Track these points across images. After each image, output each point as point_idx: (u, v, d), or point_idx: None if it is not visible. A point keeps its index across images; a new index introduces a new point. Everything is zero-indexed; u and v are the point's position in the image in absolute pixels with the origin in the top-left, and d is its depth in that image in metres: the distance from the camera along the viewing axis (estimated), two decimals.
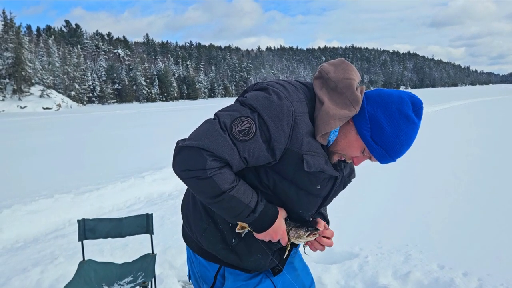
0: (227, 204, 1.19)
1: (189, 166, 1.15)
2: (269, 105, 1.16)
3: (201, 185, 1.16)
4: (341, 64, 1.25)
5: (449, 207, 4.66)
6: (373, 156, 1.23)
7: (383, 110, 1.18)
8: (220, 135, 1.14)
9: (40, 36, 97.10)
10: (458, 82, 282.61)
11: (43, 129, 20.18)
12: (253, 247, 1.34)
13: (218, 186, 1.16)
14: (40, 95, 63.67)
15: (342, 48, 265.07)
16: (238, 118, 1.15)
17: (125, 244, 3.70)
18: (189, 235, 1.44)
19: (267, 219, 1.24)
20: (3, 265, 3.38)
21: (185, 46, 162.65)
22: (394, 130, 1.17)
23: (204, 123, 1.20)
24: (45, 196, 5.46)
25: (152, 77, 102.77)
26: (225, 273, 1.39)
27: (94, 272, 2.70)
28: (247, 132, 1.14)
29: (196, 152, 1.14)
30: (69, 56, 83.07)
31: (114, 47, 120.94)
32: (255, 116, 1.16)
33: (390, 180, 6.08)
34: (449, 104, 30.01)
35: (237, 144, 1.15)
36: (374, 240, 3.69)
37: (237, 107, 1.20)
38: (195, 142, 1.14)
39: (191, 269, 1.49)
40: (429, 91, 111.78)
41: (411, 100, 1.20)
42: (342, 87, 1.20)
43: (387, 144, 1.19)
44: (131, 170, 7.32)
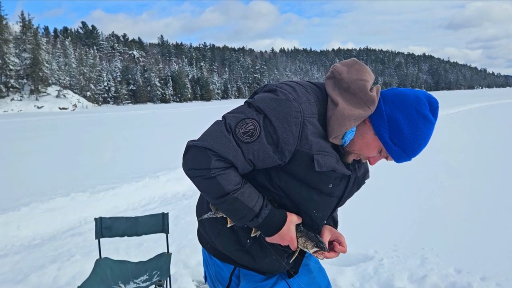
0: (230, 206, 1.20)
1: (195, 165, 1.18)
2: (277, 107, 1.16)
3: (205, 184, 1.19)
4: (354, 65, 1.24)
5: (467, 210, 4.59)
6: (390, 156, 1.23)
7: (401, 110, 1.18)
8: (225, 136, 1.16)
9: (57, 37, 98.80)
10: (474, 85, 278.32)
11: (60, 128, 20.50)
12: (268, 249, 1.34)
13: (222, 187, 1.17)
14: (56, 95, 64.76)
15: (356, 50, 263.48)
16: (243, 120, 1.17)
17: (140, 243, 3.74)
18: (204, 236, 1.44)
19: (273, 225, 1.23)
20: (21, 262, 3.44)
21: (199, 48, 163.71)
22: (413, 131, 1.17)
23: (212, 124, 1.23)
24: (61, 195, 5.54)
25: (166, 78, 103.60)
26: (240, 274, 1.38)
27: (110, 270, 2.73)
28: (251, 134, 1.15)
29: (202, 151, 1.16)
30: (85, 57, 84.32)
31: (129, 49, 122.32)
32: (260, 118, 1.16)
33: (406, 182, 6.02)
34: (466, 107, 29.55)
35: (241, 146, 1.16)
36: (389, 243, 3.65)
37: (244, 109, 1.21)
38: (202, 143, 1.17)
39: (206, 270, 1.49)
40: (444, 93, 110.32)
41: (427, 99, 1.19)
42: (355, 88, 1.19)
43: (405, 144, 1.18)
44: (146, 169, 7.39)
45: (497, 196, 5.15)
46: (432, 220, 4.28)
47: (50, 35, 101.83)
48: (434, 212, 4.55)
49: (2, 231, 4.40)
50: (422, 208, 4.73)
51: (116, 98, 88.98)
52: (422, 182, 6.05)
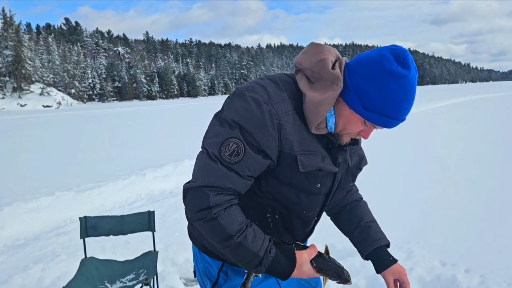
0: (234, 252, 1.16)
1: (195, 207, 1.14)
2: (249, 115, 1.12)
3: (208, 227, 1.15)
4: (310, 49, 1.22)
5: (452, 204, 4.65)
6: (374, 124, 1.17)
7: (365, 77, 1.12)
8: (213, 167, 1.12)
9: (40, 34, 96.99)
10: (458, 79, 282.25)
11: (43, 127, 20.17)
12: None
13: (224, 229, 1.13)
14: (40, 93, 63.61)
15: (342, 45, 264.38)
16: (224, 143, 1.13)
17: (127, 242, 3.70)
18: (193, 234, 1.43)
19: (280, 271, 1.19)
20: (4, 263, 3.38)
21: (185, 44, 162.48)
22: (382, 92, 1.10)
23: (196, 160, 1.19)
24: (46, 194, 5.45)
25: (152, 75, 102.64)
26: (228, 270, 1.37)
27: (96, 270, 2.69)
28: (237, 153, 1.12)
29: (198, 191, 1.13)
30: (69, 54, 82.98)
31: (114, 45, 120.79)
32: (237, 133, 1.13)
33: (392, 177, 6.08)
34: (450, 101, 29.96)
35: (234, 168, 1.13)
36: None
37: (218, 129, 1.16)
38: (195, 182, 1.14)
39: (196, 265, 1.48)
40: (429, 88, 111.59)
41: (392, 53, 1.12)
42: (318, 71, 1.16)
43: (381, 108, 1.12)
44: (132, 167, 7.32)
45: (482, 190, 5.24)
46: (418, 214, 4.33)
47: (32, 32, 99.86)
48: (420, 207, 4.60)
49: None
50: (408, 202, 4.78)
51: (101, 95, 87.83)
52: (408, 177, 6.12)
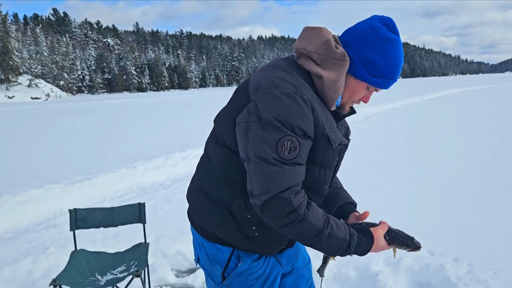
0: (326, 244, 1.22)
1: (281, 215, 1.16)
2: (287, 109, 1.16)
3: (299, 229, 1.18)
4: (310, 33, 1.29)
5: (440, 193, 4.71)
6: (378, 88, 1.31)
7: (366, 47, 1.24)
8: (279, 171, 1.16)
9: (27, 24, 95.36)
10: (448, 72, 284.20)
11: (32, 119, 19.92)
12: (271, 239, 1.38)
13: (314, 226, 1.18)
14: (28, 85, 62.73)
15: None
16: (278, 144, 1.15)
17: (117, 234, 3.69)
18: (200, 225, 1.43)
19: (363, 249, 1.29)
20: None
21: (175, 35, 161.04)
22: (385, 58, 1.24)
23: (253, 172, 1.18)
24: (35, 187, 5.40)
25: (143, 67, 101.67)
26: (239, 254, 1.40)
27: (86, 262, 2.69)
28: (294, 148, 1.16)
29: (277, 199, 1.15)
30: (58, 45, 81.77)
31: (104, 36, 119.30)
32: (285, 130, 1.16)
33: (381, 167, 6.12)
34: (440, 93, 30.18)
35: (295, 161, 1.17)
36: None
37: (264, 135, 1.16)
38: (267, 194, 1.15)
39: (199, 252, 1.47)
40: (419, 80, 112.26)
41: (381, 22, 1.25)
42: (324, 53, 1.24)
43: (386, 72, 1.26)
44: (123, 159, 7.26)
45: (470, 180, 5.30)
46: (407, 204, 4.37)
47: (20, 23, 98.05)
48: (409, 196, 4.65)
49: None
50: (398, 192, 4.83)
51: (91, 87, 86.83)
52: (398, 167, 6.17)
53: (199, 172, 1.46)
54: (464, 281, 2.71)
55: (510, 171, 5.68)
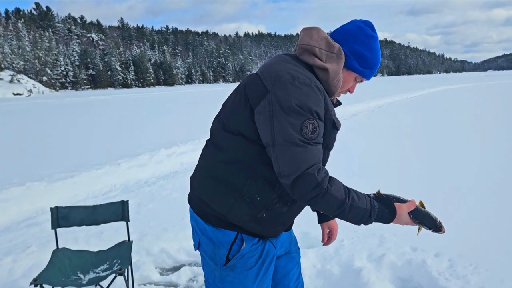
0: (349, 214, 1.34)
1: (308, 189, 1.28)
2: (307, 96, 1.31)
3: (324, 201, 1.30)
4: (310, 32, 1.48)
5: (421, 190, 4.77)
6: (364, 78, 1.54)
7: (357, 43, 1.48)
8: (304, 151, 1.29)
9: (9, 19, 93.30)
10: (432, 70, 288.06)
11: (14, 115, 19.53)
12: (278, 220, 1.50)
13: (337, 197, 1.30)
14: (10, 81, 61.50)
15: None
16: (302, 127, 1.29)
17: (101, 232, 3.65)
18: (207, 211, 1.50)
19: (384, 219, 1.42)
20: None
21: (161, 31, 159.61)
22: (372, 52, 1.49)
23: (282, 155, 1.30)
24: (16, 184, 5.30)
25: (128, 63, 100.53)
26: (243, 238, 1.49)
27: (68, 260, 2.65)
28: (315, 129, 1.31)
29: (304, 176, 1.27)
30: (40, 40, 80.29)
31: (88, 31, 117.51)
32: (306, 114, 1.30)
33: (364, 165, 6.18)
34: (425, 91, 30.58)
35: (317, 141, 1.32)
36: (350, 224, 3.74)
37: (288, 119, 1.30)
38: (297, 171, 1.27)
39: (201, 237, 1.55)
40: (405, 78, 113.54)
41: (365, 24, 1.51)
42: (325, 47, 1.44)
43: (372, 64, 1.51)
44: (107, 156, 7.18)
45: (451, 176, 5.39)
46: None
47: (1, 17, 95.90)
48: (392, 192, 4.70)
49: None
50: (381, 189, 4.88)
51: (74, 83, 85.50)
52: (380, 164, 6.24)
53: (207, 160, 1.53)
54: (445, 276, 2.76)
55: (491, 168, 5.79)
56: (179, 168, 6.68)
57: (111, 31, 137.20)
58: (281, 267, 1.75)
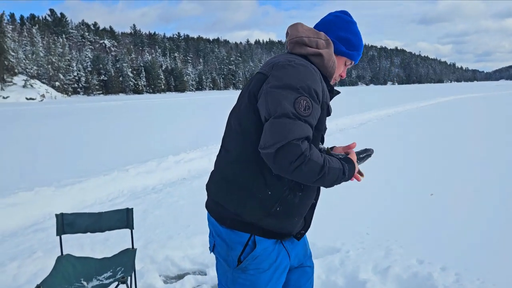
0: (328, 176, 1.39)
1: (292, 158, 1.31)
2: (305, 76, 1.40)
3: (307, 168, 1.33)
4: (295, 26, 1.60)
5: (430, 203, 4.72)
6: (353, 61, 1.67)
7: (340, 29, 1.62)
8: (294, 124, 1.33)
9: (24, 24, 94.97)
10: (443, 79, 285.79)
11: (25, 120, 19.80)
12: (292, 212, 1.52)
13: (318, 163, 1.35)
14: (23, 85, 62.47)
15: None
16: (296, 102, 1.35)
17: (106, 239, 3.66)
18: (222, 213, 1.54)
19: (351, 174, 1.50)
20: None
21: (173, 38, 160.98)
22: (354, 34, 1.63)
23: (271, 126, 1.35)
24: (24, 189, 5.35)
25: (139, 69, 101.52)
26: (255, 240, 1.51)
27: (72, 267, 2.66)
28: (308, 107, 1.36)
29: (289, 145, 1.31)
30: (54, 46, 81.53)
31: (101, 38, 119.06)
32: (302, 91, 1.37)
33: (372, 176, 6.12)
34: (435, 100, 30.33)
35: (308, 120, 1.36)
36: (356, 235, 3.72)
37: (284, 94, 1.37)
38: (282, 141, 1.31)
39: (216, 239, 1.59)
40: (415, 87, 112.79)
41: (342, 13, 1.66)
42: (313, 36, 1.55)
43: (357, 46, 1.65)
44: (115, 162, 7.23)
45: (459, 189, 5.32)
46: (397, 212, 4.38)
47: (16, 23, 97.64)
48: (399, 205, 4.65)
49: None
50: (389, 200, 4.83)
51: (86, 89, 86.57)
52: (388, 175, 6.18)
53: (219, 164, 1.60)
54: None
55: (500, 181, 5.70)
56: (187, 175, 6.69)
57: (123, 37, 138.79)
58: (293, 281, 1.75)
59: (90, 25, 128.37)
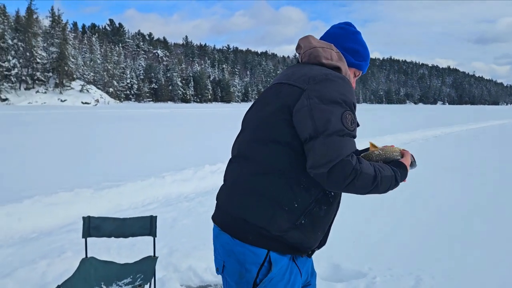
0: (382, 185, 1.40)
1: (346, 174, 1.31)
2: (344, 89, 1.41)
3: (361, 182, 1.34)
4: (307, 38, 1.62)
5: (471, 234, 4.43)
6: (362, 71, 1.70)
7: (347, 40, 1.65)
8: (344, 141, 1.34)
9: (85, 33, 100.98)
10: (499, 101, 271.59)
11: (78, 122, 20.85)
12: (317, 224, 1.49)
13: (370, 175, 1.35)
14: (80, 90, 66.12)
15: (379, 59, 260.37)
16: (342, 117, 1.35)
17: (133, 244, 3.72)
18: (244, 227, 1.45)
19: (404, 177, 1.49)
20: (13, 255, 3.46)
21: (222, 50, 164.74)
22: (361, 45, 1.67)
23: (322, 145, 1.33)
24: (66, 189, 5.58)
25: (188, 78, 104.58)
26: (271, 260, 1.45)
27: (94, 270, 2.71)
28: (353, 121, 1.39)
29: (342, 163, 1.31)
30: (110, 54, 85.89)
31: (154, 47, 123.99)
32: (345, 105, 1.38)
33: (405, 200, 5.86)
34: (487, 123, 28.81)
35: (354, 133, 1.39)
36: (385, 260, 3.54)
37: (330, 110, 1.36)
38: (336, 159, 1.31)
39: (226, 259, 1.50)
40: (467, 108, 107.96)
41: (345, 25, 1.70)
42: (325, 46, 1.57)
43: (365, 56, 1.68)
44: (153, 169, 7.40)
45: (500, 220, 4.96)
46: (433, 239, 4.14)
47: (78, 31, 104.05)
48: (436, 231, 4.40)
49: (3, 222, 4.46)
50: (425, 227, 4.59)
51: (137, 96, 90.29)
52: (424, 202, 5.89)
53: (240, 176, 1.51)
54: None
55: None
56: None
57: (175, 48, 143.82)
58: None
59: (145, 35, 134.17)
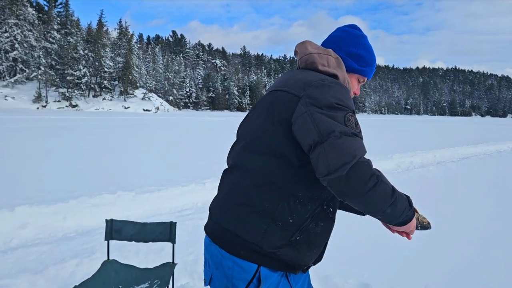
0: (397, 203, 1.29)
1: (366, 177, 1.21)
2: (342, 93, 1.36)
3: (381, 190, 1.23)
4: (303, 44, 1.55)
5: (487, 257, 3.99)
6: (366, 78, 1.61)
7: (349, 44, 1.56)
8: (355, 141, 1.26)
9: (149, 44, 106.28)
10: None
11: (136, 128, 21.83)
12: (312, 242, 1.41)
13: (388, 185, 1.26)
14: (142, 98, 69.39)
15: (443, 69, 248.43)
16: (345, 119, 1.29)
17: (161, 249, 3.74)
18: (235, 241, 1.39)
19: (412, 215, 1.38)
20: (46, 253, 3.61)
21: (279, 60, 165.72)
22: (365, 49, 1.58)
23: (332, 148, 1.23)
24: (109, 192, 5.80)
25: (244, 88, 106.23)
26: (261, 276, 1.37)
27: (114, 273, 2.74)
28: (357, 122, 1.33)
29: (359, 164, 1.22)
30: (171, 64, 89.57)
31: (213, 57, 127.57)
32: (345, 108, 1.33)
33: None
34: None
35: (361, 135, 1.33)
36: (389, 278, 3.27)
37: (329, 115, 1.29)
38: (353, 160, 1.21)
39: (214, 272, 1.44)
40: None
41: (350, 27, 1.62)
42: (322, 52, 1.50)
43: (370, 61, 1.59)
44: (195, 175, 7.51)
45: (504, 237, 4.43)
46: (440, 260, 3.77)
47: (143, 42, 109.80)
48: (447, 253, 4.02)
49: (50, 220, 4.70)
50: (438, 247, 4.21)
51: (195, 104, 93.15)
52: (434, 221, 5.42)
53: (235, 186, 1.44)
54: None
55: None
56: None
57: (233, 58, 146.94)
58: None
59: (205, 45, 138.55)
